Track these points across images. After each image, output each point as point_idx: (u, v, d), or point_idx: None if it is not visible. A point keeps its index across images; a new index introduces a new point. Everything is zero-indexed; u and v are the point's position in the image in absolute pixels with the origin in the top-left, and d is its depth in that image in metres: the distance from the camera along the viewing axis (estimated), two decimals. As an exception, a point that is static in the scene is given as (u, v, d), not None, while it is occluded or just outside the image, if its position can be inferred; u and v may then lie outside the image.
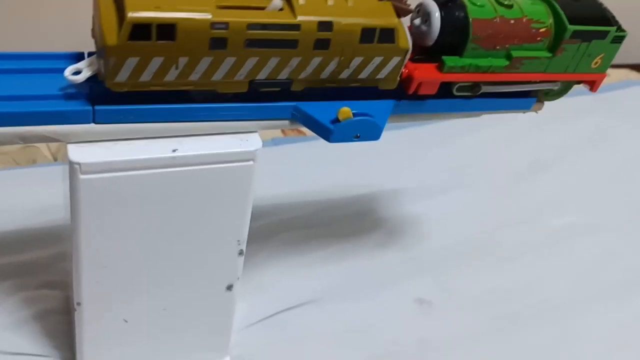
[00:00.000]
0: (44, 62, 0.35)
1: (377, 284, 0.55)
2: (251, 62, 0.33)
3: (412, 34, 0.36)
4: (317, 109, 0.36)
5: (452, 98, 0.40)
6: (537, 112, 0.44)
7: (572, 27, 0.39)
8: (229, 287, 0.43)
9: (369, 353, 0.50)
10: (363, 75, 0.36)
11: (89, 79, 0.34)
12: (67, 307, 0.48)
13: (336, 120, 0.35)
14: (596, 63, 0.42)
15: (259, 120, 0.36)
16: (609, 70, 0.44)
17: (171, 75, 0.32)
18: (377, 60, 0.35)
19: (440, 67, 0.38)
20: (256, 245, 0.55)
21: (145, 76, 0.32)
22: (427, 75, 0.37)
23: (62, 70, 0.34)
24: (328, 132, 0.35)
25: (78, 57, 0.35)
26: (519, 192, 0.67)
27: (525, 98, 0.42)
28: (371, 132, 0.36)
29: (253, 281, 0.53)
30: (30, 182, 0.57)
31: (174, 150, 0.35)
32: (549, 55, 0.40)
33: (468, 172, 0.68)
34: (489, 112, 0.42)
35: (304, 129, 0.37)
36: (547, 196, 0.67)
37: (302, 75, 0.35)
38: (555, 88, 0.43)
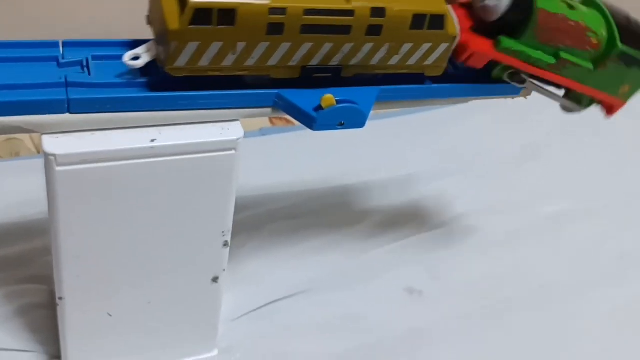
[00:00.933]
0: (16, 50, 0.34)
1: (367, 274, 0.54)
2: (305, 47, 0.34)
3: (475, 8, 0.37)
4: (300, 97, 0.35)
5: (440, 84, 0.39)
6: (525, 98, 0.43)
7: (622, 47, 0.39)
8: (215, 279, 0.42)
9: (360, 343, 0.49)
10: (411, 61, 0.37)
11: (68, 66, 0.33)
12: (52, 301, 0.47)
13: (319, 108, 0.34)
14: (623, 90, 0.42)
15: (240, 109, 0.35)
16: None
17: (228, 61, 0.33)
18: (426, 46, 0.36)
19: (496, 45, 0.38)
20: (243, 236, 0.54)
21: (204, 61, 0.33)
22: (481, 48, 0.37)
23: (35, 58, 0.34)
24: (311, 120, 0.35)
25: (51, 45, 0.34)
26: (510, 179, 0.67)
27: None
28: (356, 120, 0.35)
29: (240, 273, 0.52)
30: (14, 175, 0.56)
31: (152, 140, 0.34)
32: (591, 67, 0.40)
33: (458, 159, 0.68)
34: (477, 98, 0.41)
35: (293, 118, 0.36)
36: (538, 182, 0.67)
37: (353, 62, 0.35)
38: (578, 112, 0.44)
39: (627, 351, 0.52)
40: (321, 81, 0.36)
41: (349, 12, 0.33)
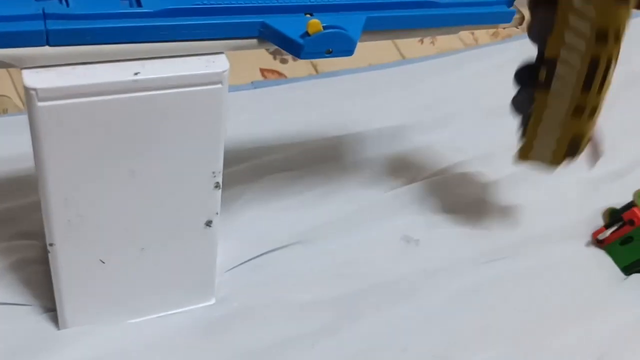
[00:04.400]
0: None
1: (362, 223, 0.54)
2: None
3: None
4: (286, 24, 0.34)
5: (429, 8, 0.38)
6: (518, 27, 0.42)
7: None
8: (208, 223, 0.42)
9: (356, 289, 0.49)
10: None
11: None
12: (45, 256, 0.46)
13: (305, 35, 0.33)
14: None
15: (225, 40, 0.34)
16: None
17: None
18: None
19: None
20: (238, 188, 0.54)
21: None
22: None
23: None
24: (298, 47, 0.33)
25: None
26: (502, 126, 0.65)
27: (506, 10, 0.40)
28: (344, 46, 0.34)
29: (237, 224, 0.52)
30: (1, 132, 0.55)
31: (135, 74, 0.33)
32: None
33: (450, 109, 0.66)
34: (468, 27, 0.40)
35: (285, 71, 0.36)
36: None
37: None
38: None
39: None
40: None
41: None
